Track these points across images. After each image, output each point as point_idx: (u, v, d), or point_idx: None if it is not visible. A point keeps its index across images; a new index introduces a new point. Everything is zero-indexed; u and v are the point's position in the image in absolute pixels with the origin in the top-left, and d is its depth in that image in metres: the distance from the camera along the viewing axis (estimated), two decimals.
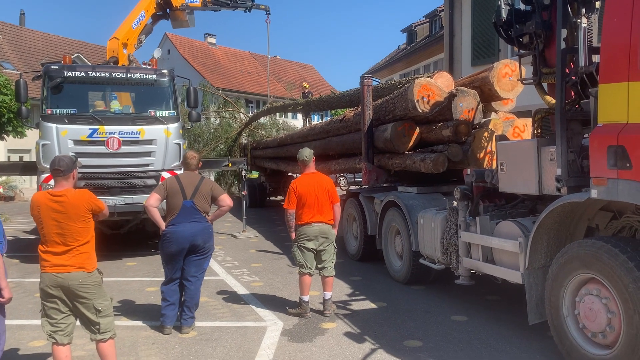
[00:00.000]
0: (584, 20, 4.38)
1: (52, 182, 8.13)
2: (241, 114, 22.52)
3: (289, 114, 25.91)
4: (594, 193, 3.95)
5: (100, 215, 4.12)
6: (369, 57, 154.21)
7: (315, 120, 28.53)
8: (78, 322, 4.08)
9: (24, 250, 10.27)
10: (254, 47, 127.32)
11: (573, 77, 4.46)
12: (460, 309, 6.02)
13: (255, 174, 19.76)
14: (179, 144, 9.32)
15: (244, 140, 20.36)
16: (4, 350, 4.76)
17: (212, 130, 21.37)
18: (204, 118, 20.71)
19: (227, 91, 32.12)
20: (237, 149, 20.50)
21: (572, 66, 4.56)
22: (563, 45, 4.51)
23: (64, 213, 3.85)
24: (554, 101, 4.85)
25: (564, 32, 4.52)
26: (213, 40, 49.46)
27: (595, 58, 4.37)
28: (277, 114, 23.54)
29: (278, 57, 53.35)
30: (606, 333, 3.92)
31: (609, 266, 3.79)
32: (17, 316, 6.00)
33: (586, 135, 4.45)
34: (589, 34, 4.43)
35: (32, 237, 12.13)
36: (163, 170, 9.08)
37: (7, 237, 11.72)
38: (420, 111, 7.03)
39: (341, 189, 11.51)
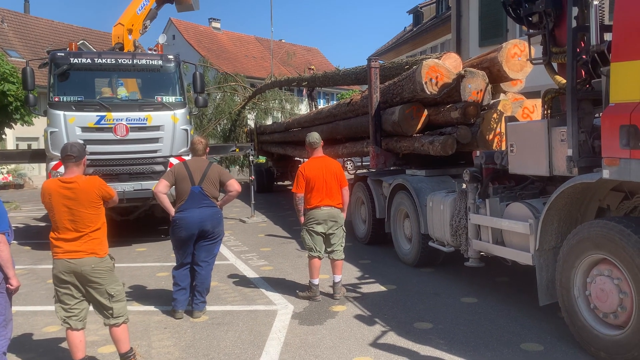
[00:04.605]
0: None
1: (61, 169, 8.21)
2: (244, 86, 22.29)
3: (295, 97, 25.74)
4: (605, 173, 3.92)
5: (110, 201, 4.13)
6: (374, 39, 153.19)
7: (321, 104, 28.45)
8: (91, 308, 4.12)
9: (35, 237, 10.37)
10: (259, 31, 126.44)
11: (584, 56, 4.40)
12: (470, 290, 6.03)
13: (262, 159, 19.75)
14: (186, 130, 9.31)
15: (247, 115, 20.14)
16: (18, 336, 4.84)
17: (215, 105, 21.08)
18: (206, 94, 20.61)
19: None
20: (242, 127, 20.34)
21: (583, 45, 4.49)
22: (574, 23, 4.44)
23: (75, 199, 3.87)
24: (564, 81, 4.79)
25: (574, 10, 4.45)
26: (218, 25, 49.14)
27: (607, 36, 4.29)
28: (283, 99, 23.46)
29: (283, 40, 52.99)
30: (618, 313, 3.91)
31: (621, 247, 3.78)
32: (31, 302, 6.08)
33: (597, 115, 4.40)
34: (600, 11, 4.34)
35: (43, 224, 12.22)
36: (171, 156, 9.10)
37: (18, 225, 11.72)
38: (429, 93, 6.97)
39: (348, 173, 11.50)
